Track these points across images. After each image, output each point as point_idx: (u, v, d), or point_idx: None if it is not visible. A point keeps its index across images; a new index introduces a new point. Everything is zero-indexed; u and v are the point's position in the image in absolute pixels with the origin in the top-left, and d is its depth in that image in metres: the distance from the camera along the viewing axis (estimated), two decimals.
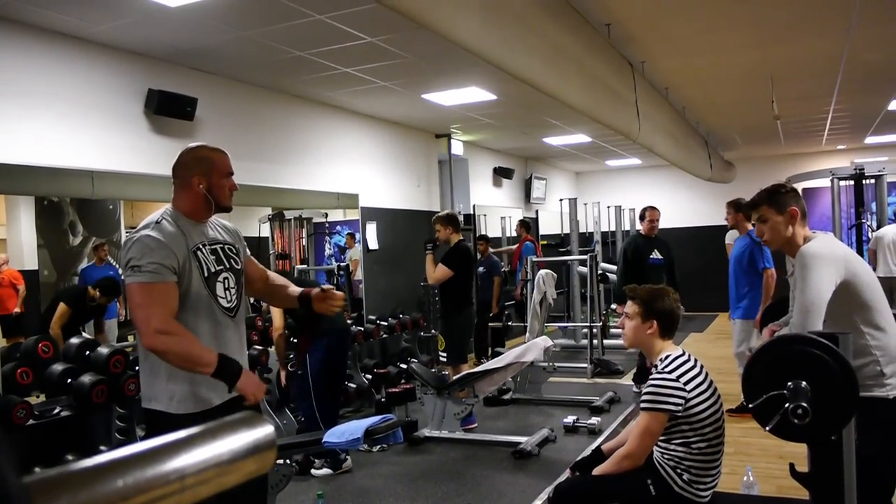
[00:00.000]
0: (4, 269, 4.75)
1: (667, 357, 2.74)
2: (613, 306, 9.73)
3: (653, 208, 7.04)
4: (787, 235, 2.70)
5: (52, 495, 0.37)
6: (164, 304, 2.26)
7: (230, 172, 2.51)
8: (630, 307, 2.88)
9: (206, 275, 2.39)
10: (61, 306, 4.75)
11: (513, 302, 9.40)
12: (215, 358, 2.27)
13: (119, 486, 0.42)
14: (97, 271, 5.01)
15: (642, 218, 7.07)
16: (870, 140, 11.69)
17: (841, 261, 2.53)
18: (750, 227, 5.65)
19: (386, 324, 7.09)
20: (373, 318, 7.27)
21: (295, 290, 2.76)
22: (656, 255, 6.80)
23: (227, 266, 2.49)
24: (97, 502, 0.41)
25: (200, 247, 2.42)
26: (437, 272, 5.80)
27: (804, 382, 2.06)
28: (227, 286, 2.46)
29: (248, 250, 2.72)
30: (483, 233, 9.50)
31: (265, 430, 0.57)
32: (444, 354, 6.65)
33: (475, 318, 6.32)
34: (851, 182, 8.59)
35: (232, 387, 2.31)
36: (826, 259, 2.51)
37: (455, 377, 5.47)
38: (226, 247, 2.54)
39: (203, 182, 2.45)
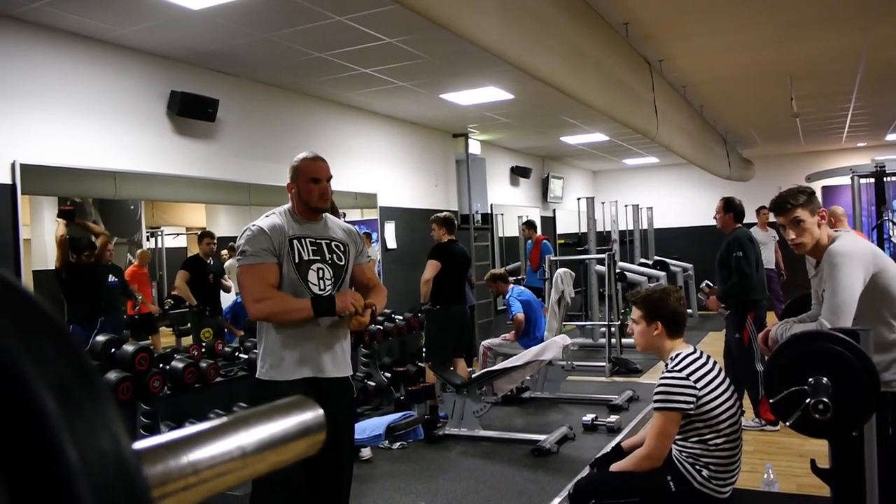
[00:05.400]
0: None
1: (677, 356, 2.74)
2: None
3: None
4: (818, 237, 2.69)
5: (150, 462, 0.41)
6: (261, 279, 2.63)
7: (316, 178, 2.78)
8: (634, 312, 2.88)
9: (296, 261, 2.71)
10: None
11: None
12: (308, 302, 2.63)
13: (192, 459, 0.46)
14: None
15: None
16: (891, 137, 11.60)
17: (869, 256, 2.53)
18: None
19: (405, 322, 7.12)
20: (391, 316, 7.30)
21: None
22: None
23: (327, 259, 2.80)
24: (173, 473, 0.44)
25: (301, 238, 2.76)
26: (426, 271, 5.79)
27: (825, 378, 2.08)
28: (321, 276, 2.76)
29: (365, 255, 3.01)
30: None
31: (315, 413, 0.61)
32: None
33: (465, 318, 6.21)
34: (872, 180, 8.52)
35: (334, 314, 2.66)
36: (855, 258, 2.51)
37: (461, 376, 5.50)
38: (332, 243, 2.85)
39: (293, 187, 2.81)
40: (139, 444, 0.44)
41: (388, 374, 6.52)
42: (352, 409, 3.15)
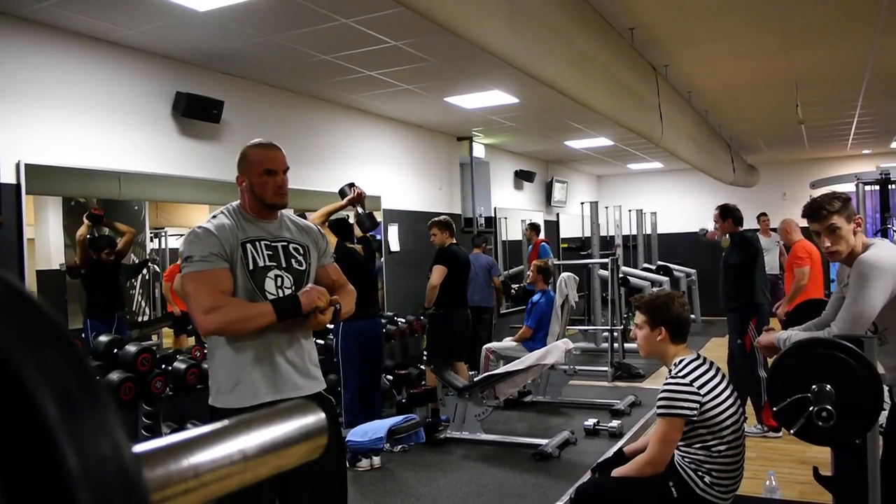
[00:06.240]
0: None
1: (681, 361, 2.73)
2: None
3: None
4: (853, 244, 2.61)
5: (150, 465, 0.41)
6: (211, 286, 2.24)
7: (271, 170, 2.39)
8: (637, 317, 2.87)
9: (251, 268, 2.33)
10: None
11: None
12: (269, 305, 2.25)
13: (193, 462, 0.46)
14: None
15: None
16: None
17: None
18: None
19: (407, 325, 7.12)
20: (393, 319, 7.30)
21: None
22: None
23: (284, 265, 2.42)
24: (174, 476, 0.44)
25: (255, 241, 2.38)
26: (433, 275, 5.80)
27: (829, 386, 2.07)
28: (279, 284, 2.38)
29: (328, 256, 2.63)
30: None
31: (317, 417, 0.61)
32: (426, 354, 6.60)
33: (467, 322, 6.22)
34: (877, 187, 8.51)
35: (300, 314, 2.29)
36: (886, 270, 2.46)
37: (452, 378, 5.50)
38: (290, 245, 2.47)
39: (244, 180, 2.42)
40: (140, 448, 0.44)
41: (390, 377, 6.51)
42: (337, 431, 2.64)
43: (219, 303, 2.22)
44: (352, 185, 4.80)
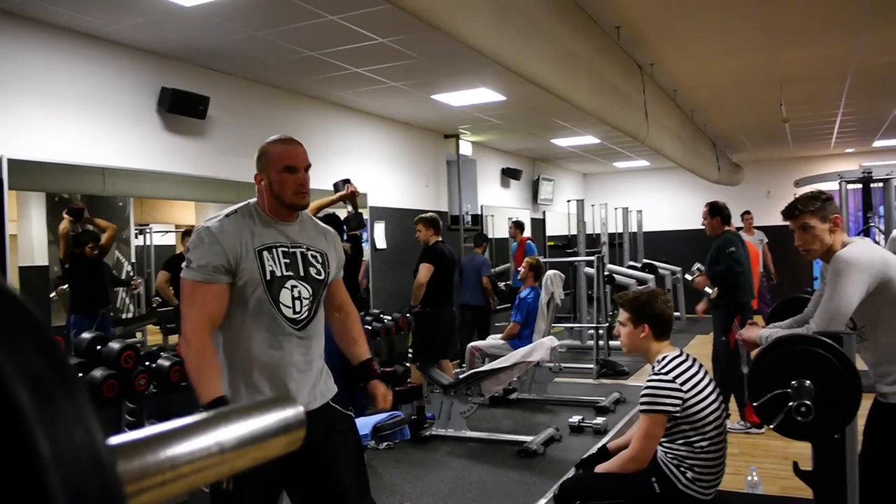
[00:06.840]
0: None
1: (663, 358, 2.76)
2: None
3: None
4: (829, 243, 2.65)
5: (127, 457, 0.41)
6: (203, 307, 2.12)
7: (292, 167, 2.25)
8: (621, 314, 2.90)
9: (267, 278, 2.18)
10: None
11: None
12: (212, 398, 2.02)
13: (170, 454, 0.46)
14: None
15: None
16: (878, 143, 11.68)
17: (878, 265, 2.50)
18: None
19: (393, 322, 7.12)
20: (379, 316, 7.30)
21: (359, 352, 2.64)
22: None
23: (302, 274, 2.27)
24: (150, 468, 0.45)
25: (272, 247, 2.23)
26: (420, 274, 5.80)
27: (808, 381, 2.09)
28: (296, 295, 2.23)
29: (341, 269, 2.49)
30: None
31: (295, 410, 0.61)
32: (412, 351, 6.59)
33: (453, 320, 6.24)
34: (860, 185, 8.58)
35: None
36: (861, 266, 2.48)
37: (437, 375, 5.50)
38: (309, 252, 2.32)
39: (264, 179, 2.28)
40: (117, 439, 0.45)
41: None
42: (348, 441, 2.48)
43: (197, 342, 2.09)
44: (346, 181, 4.79)
